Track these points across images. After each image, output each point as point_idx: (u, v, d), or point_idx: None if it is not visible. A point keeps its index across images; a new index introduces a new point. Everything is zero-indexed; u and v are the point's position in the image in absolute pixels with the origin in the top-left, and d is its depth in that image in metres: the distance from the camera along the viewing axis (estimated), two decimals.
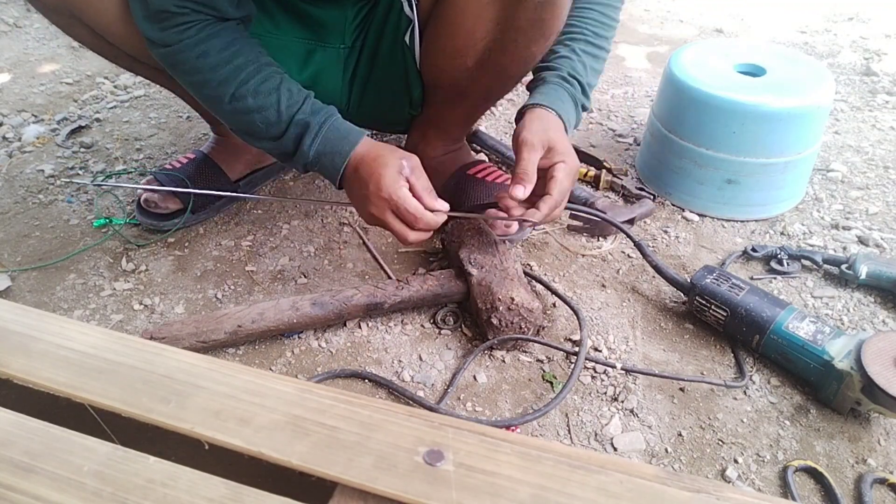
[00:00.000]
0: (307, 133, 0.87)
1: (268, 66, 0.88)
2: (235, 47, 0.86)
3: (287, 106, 0.86)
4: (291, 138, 0.88)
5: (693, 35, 2.10)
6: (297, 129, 0.87)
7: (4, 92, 1.69)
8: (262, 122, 0.87)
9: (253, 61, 0.87)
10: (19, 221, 1.20)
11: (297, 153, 0.89)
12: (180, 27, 0.84)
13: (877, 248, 1.11)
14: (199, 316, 0.91)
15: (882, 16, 2.19)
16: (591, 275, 1.07)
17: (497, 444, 0.38)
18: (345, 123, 0.89)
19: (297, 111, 0.87)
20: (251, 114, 0.87)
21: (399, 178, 0.84)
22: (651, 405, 0.85)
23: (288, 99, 0.87)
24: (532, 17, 0.86)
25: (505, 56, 0.92)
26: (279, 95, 0.86)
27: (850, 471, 0.77)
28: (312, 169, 0.91)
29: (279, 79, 0.88)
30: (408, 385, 0.88)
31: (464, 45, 0.91)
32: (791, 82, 1.13)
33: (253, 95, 0.86)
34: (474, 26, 0.89)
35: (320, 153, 0.88)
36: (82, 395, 0.41)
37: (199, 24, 0.84)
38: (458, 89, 1.00)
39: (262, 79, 0.86)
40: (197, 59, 0.85)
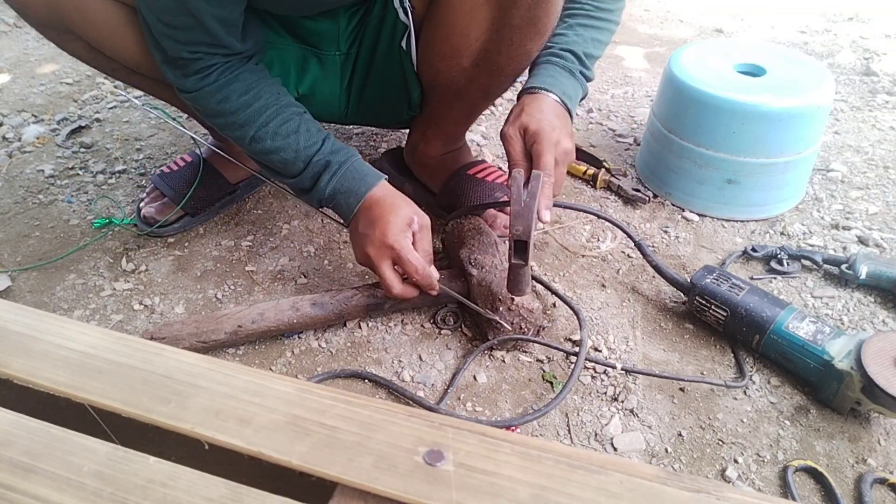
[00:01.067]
0: (326, 171, 0.89)
1: (287, 108, 0.90)
2: (255, 90, 0.89)
3: (305, 146, 0.89)
4: (309, 177, 0.90)
5: (693, 35, 2.10)
6: (315, 168, 0.89)
7: (4, 92, 1.69)
8: (280, 161, 0.90)
9: (273, 104, 0.89)
10: (19, 221, 1.20)
11: (314, 190, 0.91)
12: (199, 74, 0.87)
13: (877, 248, 1.11)
14: (199, 316, 0.91)
15: (882, 16, 2.19)
16: (591, 275, 1.07)
17: (497, 444, 0.38)
18: (364, 165, 0.92)
19: (317, 152, 0.89)
20: (270, 154, 0.90)
21: (407, 231, 0.86)
22: (651, 405, 0.85)
23: (307, 140, 0.89)
24: (526, 15, 0.86)
25: (501, 55, 0.92)
26: (298, 137, 0.89)
27: (850, 471, 0.77)
28: (326, 205, 0.93)
29: (298, 121, 0.90)
30: (408, 385, 0.88)
31: (459, 45, 0.92)
32: (791, 82, 1.13)
33: (272, 138, 0.89)
34: (468, 27, 0.89)
35: (336, 191, 0.90)
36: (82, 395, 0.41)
37: (217, 70, 0.87)
38: (456, 89, 1.00)
39: (282, 121, 0.89)
40: (218, 104, 0.88)
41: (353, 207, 0.89)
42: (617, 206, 1.23)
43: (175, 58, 0.85)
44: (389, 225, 0.85)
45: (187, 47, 0.84)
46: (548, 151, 0.84)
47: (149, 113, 1.59)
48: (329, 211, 0.95)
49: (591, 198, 1.26)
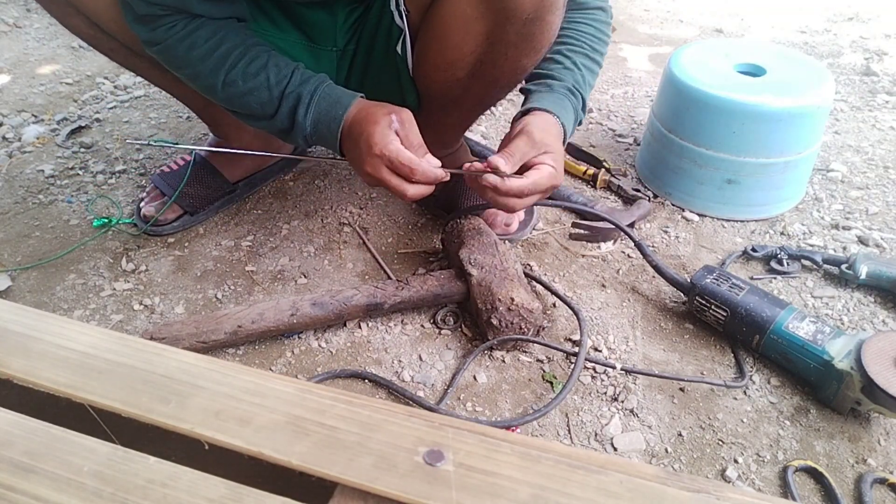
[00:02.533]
0: (300, 104, 0.87)
1: (254, 47, 0.88)
2: (221, 34, 0.87)
3: (276, 81, 0.86)
4: (286, 113, 0.87)
5: (693, 35, 2.10)
6: (289, 102, 0.87)
7: (4, 92, 1.69)
8: (257, 102, 0.88)
9: (239, 44, 0.87)
10: (19, 221, 1.20)
11: (295, 127, 0.88)
12: (167, 25, 0.86)
13: (877, 248, 1.11)
14: (199, 316, 0.91)
15: (882, 16, 2.19)
16: (591, 275, 1.07)
17: (497, 444, 0.38)
18: (336, 88, 0.89)
19: (287, 84, 0.86)
20: (244, 97, 0.88)
21: (389, 133, 0.83)
22: (651, 405, 0.85)
23: (276, 74, 0.87)
24: (521, 31, 0.85)
25: (496, 69, 0.92)
26: (267, 73, 0.87)
27: (850, 471, 0.77)
28: (313, 140, 0.90)
29: (266, 57, 0.88)
30: (408, 385, 0.88)
31: (454, 59, 0.91)
32: (791, 82, 1.13)
33: (243, 78, 0.87)
34: (463, 41, 0.89)
35: (316, 121, 0.87)
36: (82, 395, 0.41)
37: (183, 20, 0.86)
38: (451, 98, 0.99)
39: (249, 59, 0.87)
40: (186, 52, 0.86)
41: (336, 132, 0.87)
42: (617, 206, 1.23)
43: (143, 15, 0.85)
44: (372, 135, 0.82)
45: (159, 7, 0.84)
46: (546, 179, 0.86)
47: (148, 114, 1.59)
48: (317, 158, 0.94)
49: (591, 198, 1.26)
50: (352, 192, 1.27)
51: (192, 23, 0.86)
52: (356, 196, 1.26)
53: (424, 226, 1.19)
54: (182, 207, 1.15)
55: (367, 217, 1.20)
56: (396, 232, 1.17)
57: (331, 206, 1.23)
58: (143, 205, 1.15)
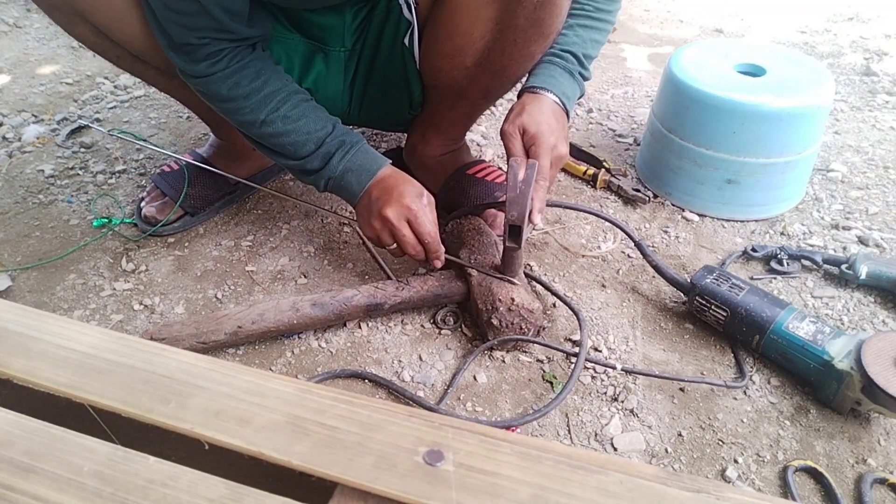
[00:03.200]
0: (339, 150, 0.92)
1: (296, 94, 0.93)
2: (265, 76, 0.91)
3: (316, 129, 0.93)
4: (320, 157, 0.93)
5: (693, 35, 2.10)
6: (329, 147, 0.93)
7: (4, 92, 1.69)
8: (291, 144, 0.92)
9: (282, 90, 0.92)
10: (19, 221, 1.20)
11: (324, 169, 0.93)
12: (210, 60, 0.87)
13: (877, 248, 1.11)
14: (199, 317, 0.91)
15: (882, 16, 2.19)
16: (591, 275, 1.07)
17: (497, 444, 0.38)
18: (373, 150, 0.96)
19: (329, 133, 0.93)
20: (280, 137, 0.92)
21: (421, 198, 0.90)
22: (651, 405, 0.85)
23: (316, 123, 0.93)
24: (531, 16, 0.85)
25: (504, 56, 0.92)
26: (308, 121, 0.92)
27: (850, 471, 0.77)
28: (331, 185, 0.95)
29: (307, 106, 0.94)
30: (408, 385, 0.88)
31: (462, 45, 0.92)
32: (791, 82, 1.13)
33: (283, 121, 0.91)
34: (472, 26, 0.89)
35: (348, 169, 0.93)
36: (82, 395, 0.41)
37: (227, 55, 0.88)
38: (457, 89, 1.00)
39: (292, 105, 0.92)
40: (229, 90, 0.90)
41: (365, 184, 0.93)
42: (617, 206, 1.23)
43: (182, 43, 0.86)
44: (406, 191, 0.90)
45: (195, 33, 0.84)
46: (544, 155, 0.88)
47: (148, 114, 1.59)
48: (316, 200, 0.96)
49: (591, 198, 1.26)
50: None
51: (234, 61, 0.89)
52: None
53: None
54: (182, 208, 1.15)
55: None
56: None
57: (331, 206, 1.23)
58: (143, 205, 1.15)
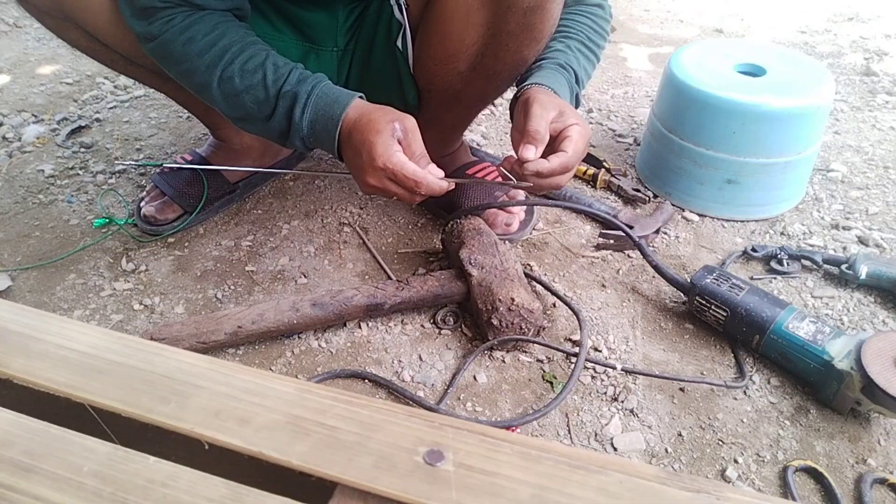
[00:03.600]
0: (297, 104, 0.84)
1: (252, 45, 0.86)
2: (220, 30, 0.85)
3: (273, 80, 0.84)
4: (282, 113, 0.85)
5: (693, 35, 2.10)
6: (286, 101, 0.84)
7: (4, 92, 1.69)
8: (252, 101, 0.85)
9: (237, 41, 0.85)
10: (19, 221, 1.20)
11: (291, 129, 0.85)
12: (164, 18, 0.84)
13: (877, 248, 1.11)
14: (199, 317, 0.91)
15: (882, 16, 2.19)
16: (591, 275, 1.07)
17: (497, 444, 0.38)
18: (334, 88, 0.86)
19: (284, 83, 0.84)
20: (240, 95, 0.85)
21: (392, 144, 0.80)
22: (651, 405, 0.85)
23: (274, 73, 0.84)
24: (522, 21, 0.85)
25: (497, 61, 0.91)
26: (265, 71, 0.84)
27: (850, 471, 0.77)
28: (311, 143, 0.88)
29: (264, 55, 0.85)
30: (408, 385, 0.88)
31: (455, 50, 0.91)
32: (791, 82, 1.13)
33: (239, 76, 0.84)
34: (464, 32, 0.89)
35: (313, 122, 0.84)
36: (82, 395, 0.41)
37: (183, 13, 0.84)
38: (452, 93, 0.99)
39: (247, 57, 0.84)
40: (183, 46, 0.84)
41: (334, 134, 0.84)
42: (617, 206, 1.23)
43: (145, 7, 0.83)
44: (374, 146, 0.79)
45: None
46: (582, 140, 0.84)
47: (148, 114, 1.59)
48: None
49: (591, 198, 1.26)
50: (352, 192, 1.27)
51: (190, 17, 0.84)
52: (356, 196, 1.26)
53: (424, 226, 1.19)
54: (182, 207, 1.15)
55: (367, 217, 1.20)
56: (396, 232, 1.17)
57: (331, 206, 1.23)
58: (143, 204, 1.15)
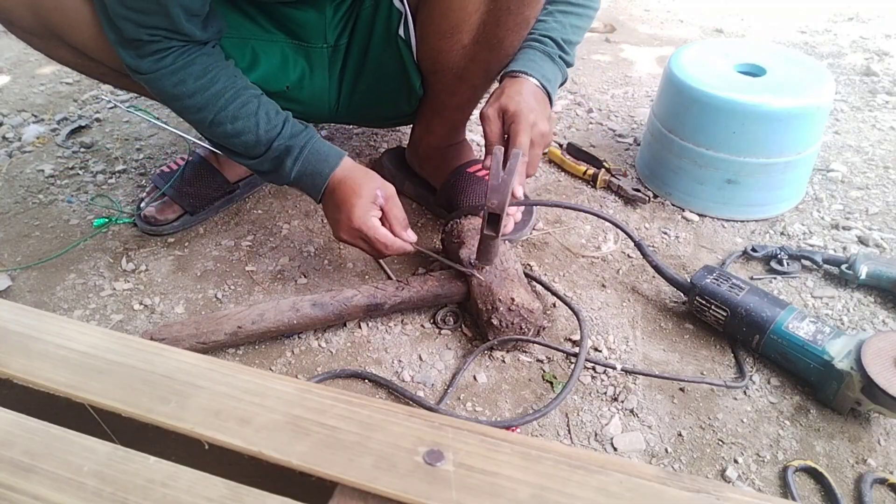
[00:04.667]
0: (288, 156, 0.91)
1: (245, 91, 0.90)
2: (211, 73, 0.88)
3: (266, 130, 0.90)
4: (270, 160, 0.92)
5: (693, 35, 2.10)
6: (277, 153, 0.91)
7: (4, 92, 1.69)
8: (242, 145, 0.91)
9: (230, 87, 0.89)
10: (19, 221, 1.20)
11: (279, 174, 0.93)
12: (156, 56, 0.85)
13: (877, 248, 1.11)
14: (199, 317, 0.91)
15: (882, 16, 2.19)
16: (591, 275, 1.07)
17: (497, 444, 0.38)
18: (325, 144, 0.93)
19: (277, 136, 0.90)
20: (231, 138, 0.90)
21: (371, 209, 0.89)
22: (651, 405, 0.85)
23: (266, 123, 0.90)
24: None
25: (500, 27, 0.92)
26: (257, 120, 0.89)
27: (850, 471, 0.77)
28: (293, 187, 0.95)
29: (256, 103, 0.90)
30: (408, 385, 0.88)
31: (458, 20, 0.92)
32: (791, 82, 1.13)
33: (231, 121, 0.89)
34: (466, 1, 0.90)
35: (301, 174, 0.92)
36: (82, 395, 0.41)
37: (174, 52, 0.85)
38: (457, 71, 1.00)
39: (241, 104, 0.89)
40: (174, 87, 0.87)
41: (321, 189, 0.92)
42: (617, 206, 1.23)
43: (131, 39, 0.83)
44: (354, 208, 0.88)
45: (146, 30, 0.82)
46: (524, 132, 0.88)
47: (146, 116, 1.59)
48: None
49: (590, 198, 1.26)
50: None
51: (181, 57, 0.86)
52: None
53: (424, 226, 1.19)
54: (182, 207, 1.15)
55: None
56: None
57: None
58: (143, 204, 1.15)
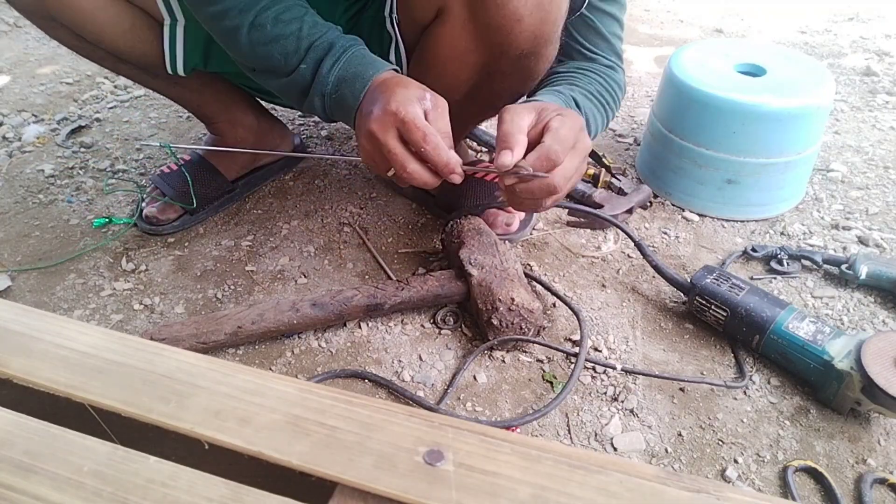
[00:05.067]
0: (329, 55, 0.79)
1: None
2: None
3: (308, 33, 0.80)
4: (310, 65, 0.79)
5: (693, 35, 2.10)
6: (316, 52, 0.79)
7: (4, 92, 1.69)
8: (280, 52, 0.80)
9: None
10: (19, 221, 1.20)
11: (315, 83, 0.80)
12: None
13: (877, 248, 1.11)
14: (199, 317, 0.91)
15: (882, 16, 2.19)
16: (591, 275, 1.07)
17: (497, 444, 0.38)
18: (371, 54, 0.82)
19: (320, 37, 0.79)
20: (269, 44, 0.80)
21: (414, 100, 0.72)
22: (651, 405, 0.85)
23: (310, 27, 0.80)
24: (517, 64, 0.86)
25: (493, 94, 0.93)
26: (301, 24, 0.80)
27: (850, 471, 0.77)
28: (330, 102, 0.82)
29: (303, 9, 0.81)
30: (408, 385, 0.88)
31: (450, 86, 0.91)
32: (791, 82, 1.13)
33: (273, 23, 0.79)
34: (460, 71, 0.90)
35: (341, 79, 0.79)
36: (82, 395, 0.41)
37: None
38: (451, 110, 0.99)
39: (285, 7, 0.80)
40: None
41: (359, 94, 0.77)
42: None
43: None
44: (395, 94, 0.72)
45: None
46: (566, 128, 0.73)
47: (148, 113, 1.59)
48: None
49: None
50: (352, 192, 1.27)
51: None
52: (356, 196, 1.26)
53: (424, 226, 1.19)
54: (183, 207, 1.16)
55: (367, 217, 1.20)
56: (396, 232, 1.17)
57: (331, 205, 1.23)
58: (144, 205, 1.15)
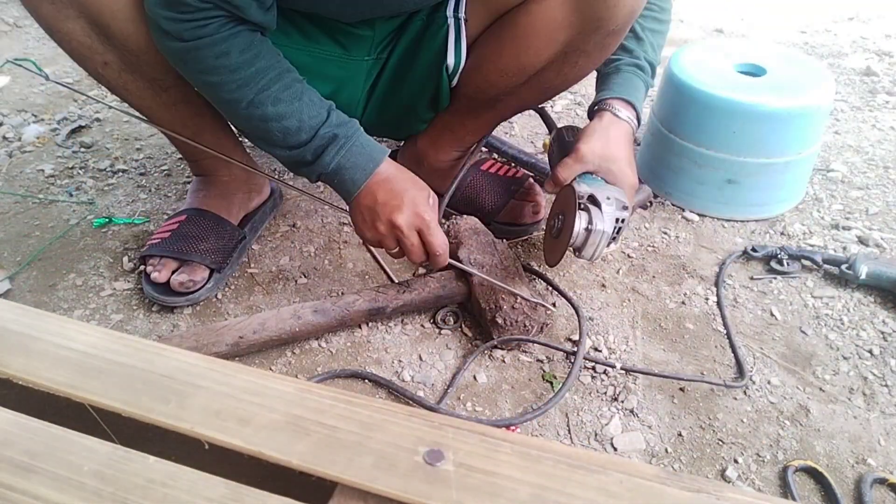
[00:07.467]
0: (332, 144, 0.85)
1: (288, 73, 0.85)
2: (255, 50, 0.82)
3: (310, 117, 0.84)
4: (312, 149, 0.85)
5: (693, 35, 2.10)
6: (321, 140, 0.85)
7: (4, 92, 1.69)
8: (281, 131, 0.84)
9: (274, 66, 0.83)
10: (19, 221, 1.20)
11: (315, 164, 0.86)
12: (199, 23, 0.78)
13: (877, 248, 1.11)
14: (198, 328, 0.89)
15: (882, 16, 2.19)
16: (591, 275, 1.07)
17: (497, 444, 0.38)
18: (369, 140, 0.88)
19: (323, 123, 0.85)
20: (268, 122, 0.83)
21: (432, 205, 0.87)
22: (651, 405, 0.85)
23: (310, 110, 0.84)
24: (601, 42, 0.88)
25: (558, 76, 0.94)
26: (301, 106, 0.84)
27: (850, 471, 0.77)
28: (325, 179, 0.88)
29: (301, 88, 0.85)
30: (408, 385, 0.88)
31: (528, 64, 0.92)
32: (791, 82, 1.13)
33: (273, 103, 0.82)
34: (544, 48, 0.90)
35: (341, 167, 0.86)
36: (82, 395, 0.41)
37: (218, 22, 0.79)
38: (493, 101, 0.99)
39: (284, 87, 0.83)
40: (217, 58, 0.80)
41: (360, 183, 0.86)
42: None
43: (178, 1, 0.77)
44: (417, 197, 0.85)
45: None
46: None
47: None
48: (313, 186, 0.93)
49: None
50: None
51: (225, 27, 0.79)
52: None
53: None
54: (207, 266, 1.02)
55: None
56: None
57: None
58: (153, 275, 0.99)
